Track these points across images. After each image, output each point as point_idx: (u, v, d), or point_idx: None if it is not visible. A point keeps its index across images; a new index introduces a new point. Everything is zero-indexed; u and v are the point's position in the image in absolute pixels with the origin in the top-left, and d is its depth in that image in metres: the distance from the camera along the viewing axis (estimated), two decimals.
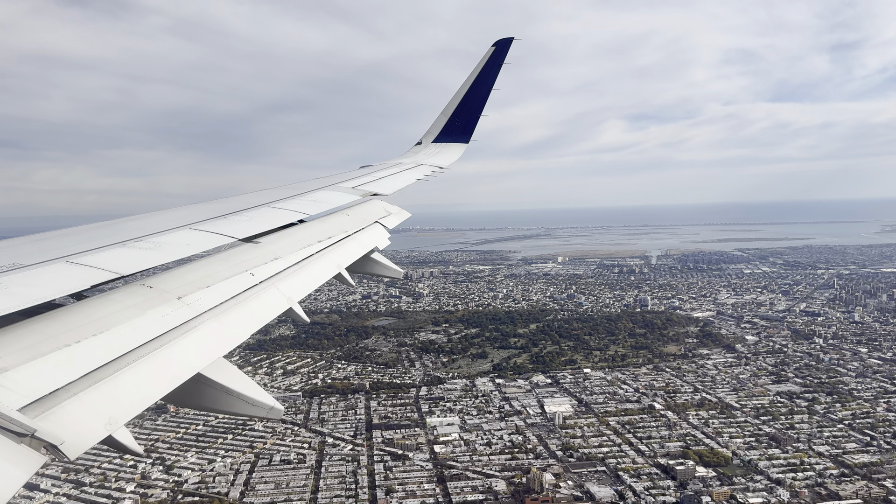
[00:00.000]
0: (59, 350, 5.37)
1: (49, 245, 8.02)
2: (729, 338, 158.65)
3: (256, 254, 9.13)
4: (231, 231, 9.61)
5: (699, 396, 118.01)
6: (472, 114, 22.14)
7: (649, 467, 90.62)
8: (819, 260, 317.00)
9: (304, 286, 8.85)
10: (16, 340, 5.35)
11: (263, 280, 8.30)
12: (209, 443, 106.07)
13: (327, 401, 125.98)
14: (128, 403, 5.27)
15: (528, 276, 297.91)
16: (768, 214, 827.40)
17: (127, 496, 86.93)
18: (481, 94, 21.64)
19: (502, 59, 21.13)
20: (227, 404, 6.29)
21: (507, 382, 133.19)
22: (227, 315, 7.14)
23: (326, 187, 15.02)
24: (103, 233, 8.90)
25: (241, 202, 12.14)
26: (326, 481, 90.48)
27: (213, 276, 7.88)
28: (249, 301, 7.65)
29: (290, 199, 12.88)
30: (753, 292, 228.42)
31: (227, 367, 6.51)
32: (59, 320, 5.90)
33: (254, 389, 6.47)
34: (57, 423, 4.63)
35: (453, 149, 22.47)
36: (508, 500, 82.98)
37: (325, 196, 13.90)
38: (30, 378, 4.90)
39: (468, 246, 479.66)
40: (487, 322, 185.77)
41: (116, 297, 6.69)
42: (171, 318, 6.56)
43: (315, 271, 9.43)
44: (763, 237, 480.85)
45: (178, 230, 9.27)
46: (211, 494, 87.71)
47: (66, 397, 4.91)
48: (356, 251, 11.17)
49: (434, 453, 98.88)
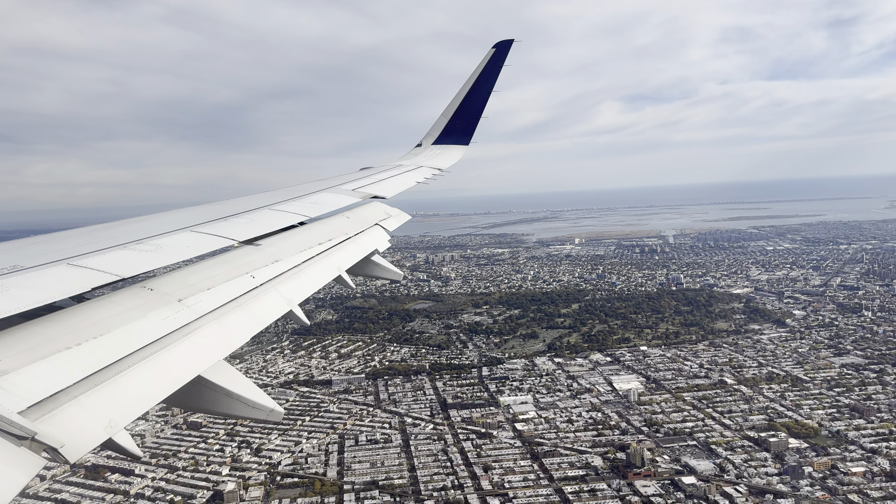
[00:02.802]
0: (59, 353, 5.38)
1: (49, 247, 8.04)
2: (776, 313, 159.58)
3: (257, 256, 9.16)
4: (231, 233, 9.65)
5: (766, 370, 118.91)
6: (471, 116, 22.06)
7: (739, 440, 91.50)
8: (838, 236, 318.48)
9: (305, 288, 8.88)
10: (16, 343, 5.36)
11: (264, 282, 8.33)
12: (289, 425, 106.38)
13: (392, 382, 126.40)
14: (128, 406, 5.27)
15: (549, 257, 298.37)
16: (771, 193, 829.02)
17: (225, 479, 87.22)
18: (481, 96, 21.58)
19: (502, 62, 21.05)
20: (228, 406, 6.33)
21: (567, 361, 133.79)
22: (228, 317, 7.18)
23: (327, 189, 15.07)
24: (104, 235, 8.90)
25: (241, 204, 12.17)
26: (420, 459, 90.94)
27: (213, 279, 7.91)
28: (250, 303, 7.69)
29: (290, 202, 12.92)
30: (783, 268, 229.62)
31: (228, 370, 6.53)
32: (59, 323, 5.92)
33: (254, 392, 6.49)
34: (57, 425, 4.63)
35: (453, 151, 22.46)
36: (609, 475, 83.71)
37: (326, 198, 13.94)
38: (30, 381, 4.90)
39: (478, 230, 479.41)
40: (527, 303, 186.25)
41: (117, 300, 6.71)
42: (171, 320, 6.60)
43: (315, 274, 9.46)
44: (773, 214, 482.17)
45: (178, 232, 9.31)
46: (308, 475, 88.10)
47: (67, 400, 4.91)
48: (356, 253, 11.16)
49: (517, 431, 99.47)
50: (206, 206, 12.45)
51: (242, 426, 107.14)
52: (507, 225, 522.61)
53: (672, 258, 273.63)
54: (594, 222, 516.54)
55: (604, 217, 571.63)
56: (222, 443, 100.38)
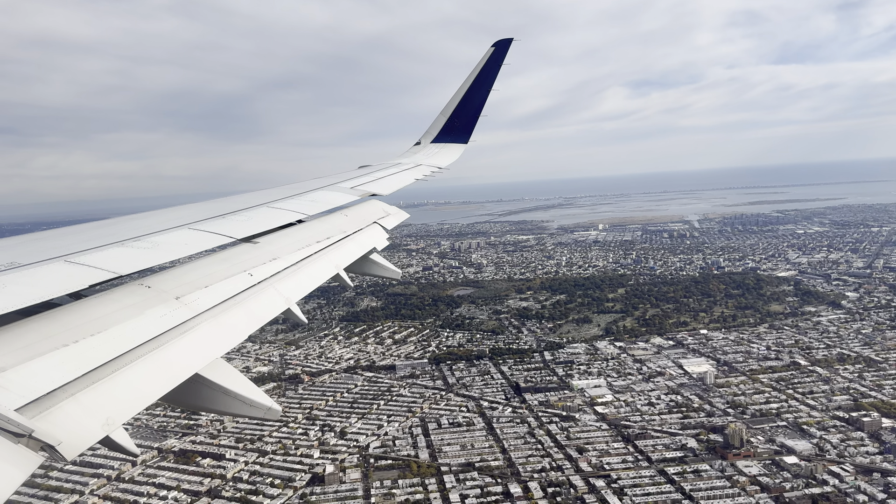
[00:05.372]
0: (57, 350, 5.37)
1: (47, 244, 8.05)
2: (829, 295, 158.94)
3: (255, 254, 9.14)
4: (229, 231, 9.64)
5: (836, 351, 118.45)
6: (470, 114, 22.05)
7: (830, 420, 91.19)
8: (867, 218, 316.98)
9: (303, 287, 8.83)
10: (14, 340, 5.35)
11: (262, 280, 8.29)
12: (365, 408, 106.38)
13: (455, 366, 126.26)
14: (125, 404, 5.27)
15: (577, 243, 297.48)
16: (784, 177, 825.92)
17: (318, 461, 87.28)
18: (480, 94, 21.56)
19: (501, 60, 21.00)
20: (225, 405, 6.31)
21: (628, 345, 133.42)
22: (226, 315, 7.16)
23: (325, 187, 15.06)
24: (101, 232, 8.92)
25: (239, 202, 12.20)
26: (509, 442, 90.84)
27: (211, 277, 7.90)
28: (248, 301, 7.67)
29: (288, 199, 12.93)
30: (821, 251, 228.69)
31: (225, 368, 6.51)
32: (57, 320, 5.91)
33: (251, 390, 6.44)
34: (54, 423, 4.62)
35: (452, 149, 22.47)
36: (708, 456, 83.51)
37: (324, 196, 13.93)
38: (27, 378, 4.90)
39: (495, 217, 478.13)
40: (571, 288, 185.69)
41: (115, 297, 6.71)
42: (169, 318, 6.58)
43: (313, 272, 9.40)
44: (793, 199, 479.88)
45: (176, 230, 9.31)
46: (401, 457, 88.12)
47: (64, 397, 4.90)
48: (355, 252, 11.11)
49: (599, 414, 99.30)
50: (204, 203, 12.44)
51: (320, 410, 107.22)
52: (524, 212, 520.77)
53: (703, 243, 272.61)
54: (612, 208, 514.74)
55: (620, 203, 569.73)
56: (304, 426, 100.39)
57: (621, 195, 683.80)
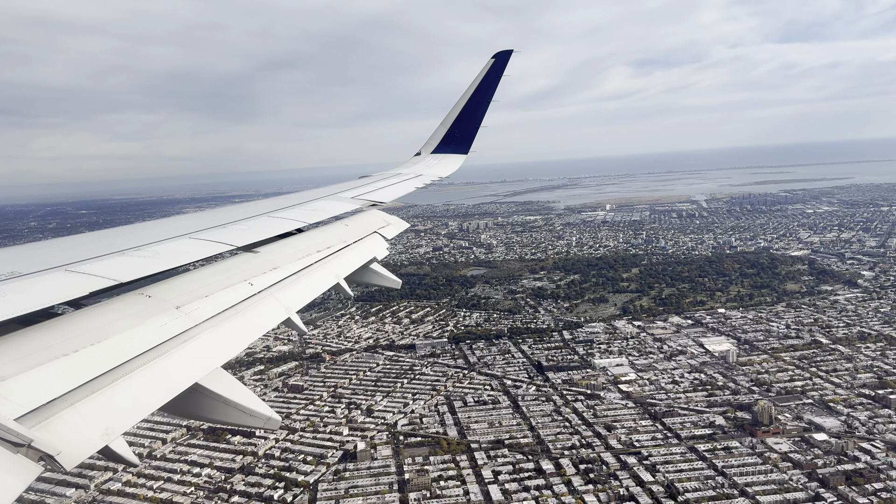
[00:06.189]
0: (57, 359, 5.39)
1: (48, 254, 8.17)
2: (844, 274, 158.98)
3: (255, 263, 9.21)
4: (230, 240, 9.71)
5: (856, 330, 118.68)
6: (470, 125, 22.11)
7: (856, 398, 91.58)
8: (876, 198, 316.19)
9: (303, 296, 8.91)
10: (14, 349, 5.38)
11: (262, 290, 8.36)
12: (389, 387, 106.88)
13: (475, 346, 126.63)
14: (125, 413, 5.28)
15: (585, 224, 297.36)
16: (788, 157, 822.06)
17: (348, 438, 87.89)
18: (480, 106, 21.64)
19: (501, 72, 21.07)
20: (225, 414, 6.33)
21: (647, 324, 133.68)
22: (226, 325, 7.19)
23: (325, 197, 15.20)
24: (102, 242, 9.04)
25: (240, 211, 12.35)
26: (536, 420, 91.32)
27: (211, 286, 7.95)
28: (248, 311, 7.71)
29: (289, 209, 13.03)
30: (832, 230, 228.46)
31: (225, 378, 6.52)
32: (57, 329, 5.94)
33: (251, 400, 6.46)
34: (54, 432, 4.65)
35: (452, 160, 22.54)
36: (737, 433, 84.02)
37: (324, 206, 14.05)
38: (27, 387, 4.91)
39: (500, 198, 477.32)
40: (585, 268, 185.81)
41: (115, 307, 6.73)
42: (169, 327, 6.62)
43: (313, 281, 9.45)
44: (799, 178, 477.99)
45: (177, 239, 9.39)
46: (430, 434, 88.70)
47: (64, 407, 4.92)
48: (355, 261, 11.17)
49: (624, 392, 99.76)
50: (204, 213, 12.62)
51: (344, 389, 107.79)
52: (528, 193, 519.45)
53: (713, 222, 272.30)
54: (617, 189, 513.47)
55: (625, 183, 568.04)
56: (331, 405, 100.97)
57: (626, 175, 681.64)
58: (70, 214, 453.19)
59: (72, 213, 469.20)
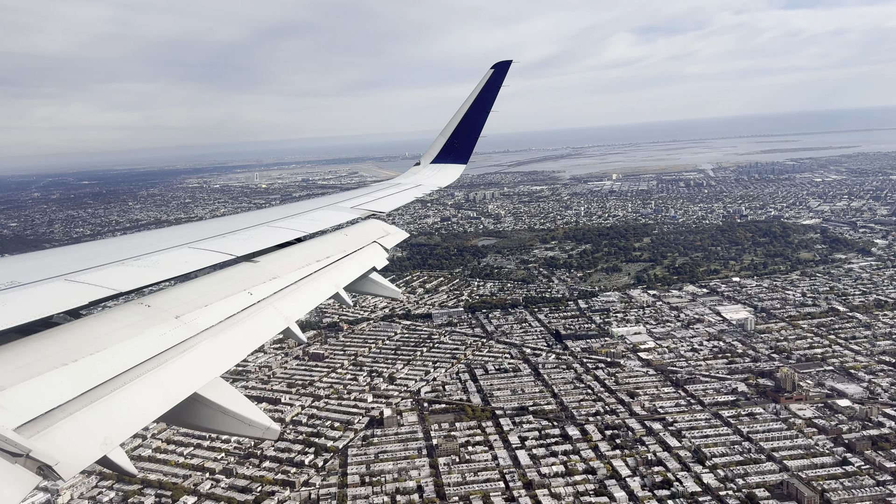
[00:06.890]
0: (55, 369, 5.39)
1: (47, 263, 8.18)
2: (857, 242, 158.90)
3: (255, 273, 9.24)
4: (230, 250, 9.72)
5: (872, 298, 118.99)
6: (470, 135, 22.28)
7: (876, 364, 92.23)
8: (884, 167, 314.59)
9: (302, 306, 8.92)
10: (13, 359, 5.37)
11: (262, 299, 8.37)
12: (409, 355, 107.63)
13: (492, 315, 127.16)
14: (123, 423, 5.28)
15: (592, 193, 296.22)
16: (793, 126, 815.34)
17: (372, 405, 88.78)
18: (480, 116, 21.74)
19: (501, 82, 21.18)
20: (224, 424, 6.32)
21: (662, 293, 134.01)
22: (225, 335, 7.20)
23: (325, 206, 15.30)
24: (101, 251, 9.08)
25: (240, 221, 12.43)
26: (558, 387, 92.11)
27: (211, 296, 7.96)
28: (247, 321, 7.72)
29: (289, 219, 13.13)
30: (842, 199, 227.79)
31: (224, 387, 6.52)
32: (56, 339, 5.95)
33: (250, 410, 6.44)
34: (52, 443, 4.64)
35: (451, 169, 22.65)
36: (760, 399, 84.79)
37: (324, 215, 14.11)
38: (26, 397, 4.91)
39: (505, 168, 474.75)
40: (596, 238, 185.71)
41: (115, 316, 6.74)
42: (168, 337, 6.63)
43: (313, 291, 9.45)
44: (806, 147, 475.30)
45: (177, 248, 9.41)
46: (454, 402, 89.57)
47: (63, 417, 4.91)
48: (354, 271, 11.18)
49: (644, 360, 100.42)
50: (204, 222, 12.79)
51: (365, 357, 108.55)
52: (532, 163, 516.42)
53: (722, 191, 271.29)
54: (622, 158, 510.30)
55: (629, 153, 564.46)
56: (353, 372, 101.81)
57: (630, 144, 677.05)
58: (72, 185, 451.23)
59: (73, 183, 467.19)
